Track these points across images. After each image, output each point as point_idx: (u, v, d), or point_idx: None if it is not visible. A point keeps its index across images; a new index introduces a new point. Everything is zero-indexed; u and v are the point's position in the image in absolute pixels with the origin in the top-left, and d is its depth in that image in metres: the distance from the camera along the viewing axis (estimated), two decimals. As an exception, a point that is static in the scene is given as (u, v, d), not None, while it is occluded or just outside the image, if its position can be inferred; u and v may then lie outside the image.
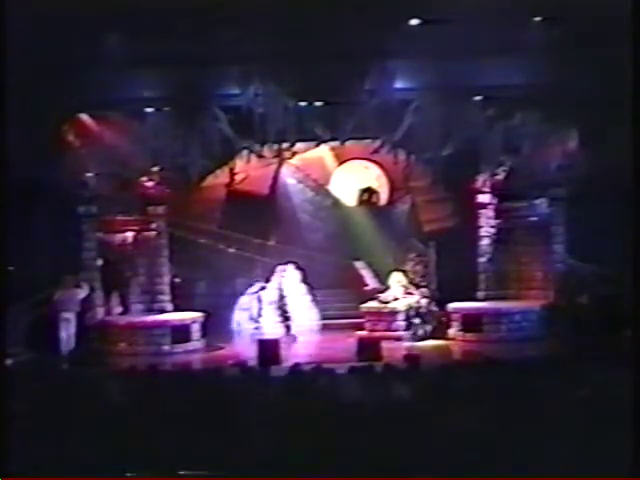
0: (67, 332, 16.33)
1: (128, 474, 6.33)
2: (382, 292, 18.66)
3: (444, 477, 6.10)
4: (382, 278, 19.48)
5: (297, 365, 10.68)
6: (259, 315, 18.91)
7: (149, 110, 16.77)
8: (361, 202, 21.86)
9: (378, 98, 16.35)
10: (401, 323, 17.79)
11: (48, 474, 6.20)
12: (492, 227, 18.53)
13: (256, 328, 18.66)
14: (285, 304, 18.73)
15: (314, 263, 21.18)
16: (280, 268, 19.34)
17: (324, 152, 20.86)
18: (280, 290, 18.94)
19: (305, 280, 19.03)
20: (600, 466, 6.09)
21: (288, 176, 21.61)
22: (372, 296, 18.81)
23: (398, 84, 16.50)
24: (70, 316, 16.49)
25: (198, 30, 14.59)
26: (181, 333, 17.31)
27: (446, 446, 6.36)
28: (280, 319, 18.65)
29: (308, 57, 15.29)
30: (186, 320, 17.57)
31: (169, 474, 6.35)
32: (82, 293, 16.78)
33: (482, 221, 18.58)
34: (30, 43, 13.47)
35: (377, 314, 18.10)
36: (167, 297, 18.47)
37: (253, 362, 13.73)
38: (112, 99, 16.13)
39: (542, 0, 14.70)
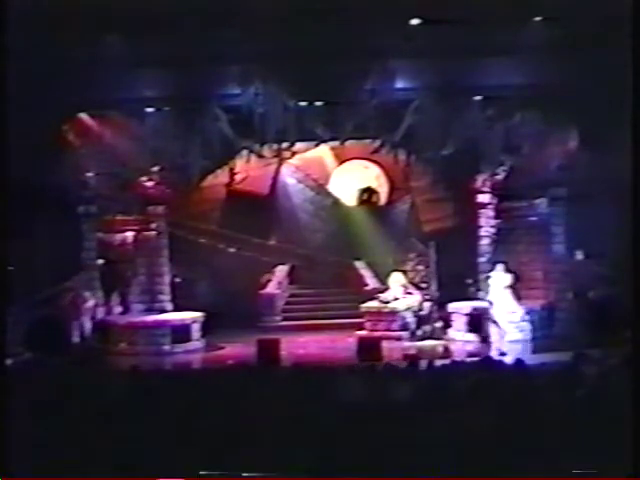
0: (68, 332, 16.38)
1: (128, 474, 6.33)
2: (382, 292, 18.66)
3: (444, 477, 6.10)
4: (382, 278, 19.49)
5: (297, 365, 10.70)
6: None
7: (149, 110, 16.76)
8: (361, 202, 21.89)
9: (378, 98, 16.34)
10: (401, 323, 17.79)
11: (48, 474, 6.20)
12: (492, 227, 18.53)
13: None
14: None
15: (314, 263, 21.27)
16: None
17: (324, 152, 20.90)
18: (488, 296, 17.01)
19: (513, 285, 16.75)
20: (600, 466, 6.09)
21: (288, 176, 21.66)
22: (372, 296, 18.81)
23: (398, 84, 16.50)
24: (71, 316, 16.54)
25: (198, 30, 14.61)
26: (181, 333, 17.31)
27: (446, 446, 6.37)
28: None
29: (308, 57, 15.29)
30: (186, 320, 17.58)
31: (169, 474, 6.35)
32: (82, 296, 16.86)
33: (482, 221, 18.57)
34: (30, 43, 13.48)
35: (377, 314, 18.10)
36: (167, 297, 18.47)
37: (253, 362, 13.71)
38: (112, 99, 16.12)
39: (542, 0, 14.71)
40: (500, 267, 16.54)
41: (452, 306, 17.80)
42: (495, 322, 16.19)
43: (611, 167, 14.20)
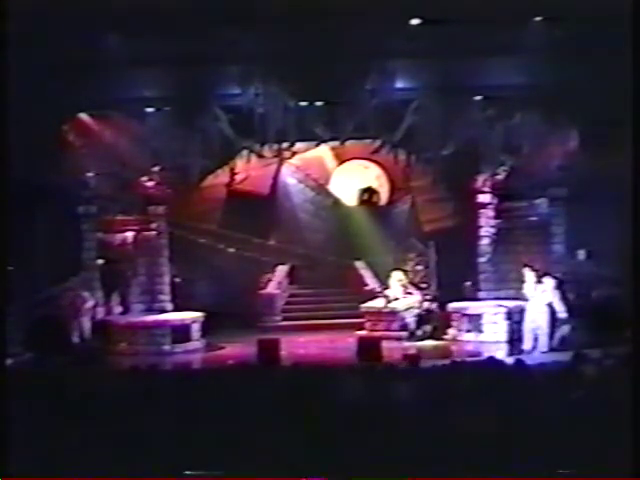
0: (68, 332, 16.39)
1: (128, 474, 6.33)
2: (382, 292, 18.64)
3: (444, 477, 6.10)
4: (382, 278, 19.48)
5: (297, 365, 10.69)
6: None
7: (149, 110, 16.77)
8: (361, 202, 21.87)
9: (378, 98, 16.35)
10: (401, 323, 17.78)
11: (48, 474, 6.20)
12: (492, 227, 18.53)
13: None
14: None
15: (314, 263, 21.26)
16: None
17: (324, 152, 20.88)
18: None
19: (559, 286, 15.93)
20: (600, 466, 6.09)
21: (288, 176, 21.64)
22: (372, 296, 18.79)
23: (398, 84, 16.51)
24: (71, 316, 16.56)
25: (198, 30, 14.61)
26: (181, 333, 17.31)
27: (446, 446, 6.37)
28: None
29: (308, 57, 15.30)
30: (186, 320, 17.58)
31: (169, 474, 6.35)
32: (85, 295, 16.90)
33: (482, 221, 18.57)
34: (31, 43, 13.48)
35: (377, 314, 18.08)
36: (167, 297, 18.47)
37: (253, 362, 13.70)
38: (112, 99, 16.13)
39: (542, 0, 14.72)
40: (527, 269, 16.42)
41: (452, 306, 17.79)
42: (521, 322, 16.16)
43: (611, 167, 14.20)
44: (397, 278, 18.55)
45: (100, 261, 17.76)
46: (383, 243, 20.62)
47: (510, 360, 10.65)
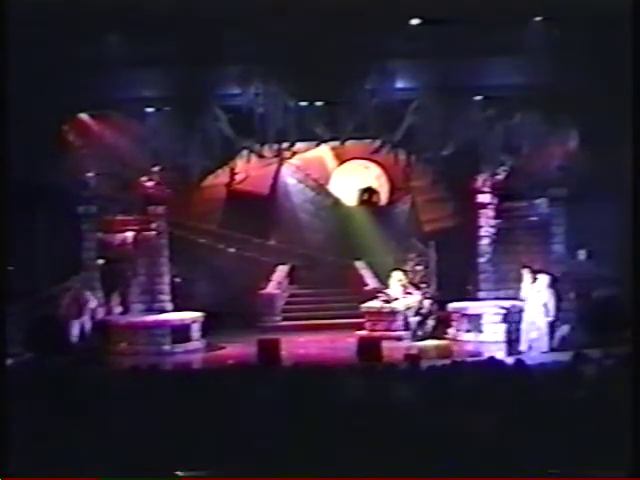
0: (68, 332, 16.39)
1: (128, 474, 6.32)
2: (381, 292, 18.63)
3: (444, 477, 6.10)
4: (382, 278, 19.48)
5: (297, 365, 10.69)
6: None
7: (149, 110, 16.78)
8: (361, 202, 21.88)
9: (378, 98, 16.36)
10: (401, 323, 17.78)
11: (48, 474, 6.20)
12: (492, 227, 18.52)
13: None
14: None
15: (314, 263, 21.26)
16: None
17: (324, 152, 20.89)
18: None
19: (553, 284, 15.99)
20: (600, 466, 6.09)
21: (288, 176, 21.65)
22: (372, 296, 18.79)
23: (398, 84, 16.52)
24: (71, 316, 16.56)
25: (198, 30, 14.63)
26: (181, 333, 17.32)
27: (446, 446, 6.36)
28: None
29: (308, 57, 15.31)
30: (186, 320, 17.58)
31: (169, 474, 6.35)
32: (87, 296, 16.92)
33: (482, 221, 18.56)
34: (30, 43, 13.49)
35: (377, 314, 18.07)
36: (167, 297, 18.47)
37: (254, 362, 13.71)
38: (112, 99, 16.14)
39: (542, 0, 14.74)
40: (526, 270, 16.41)
41: (452, 306, 17.79)
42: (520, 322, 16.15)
43: (611, 167, 14.21)
44: (397, 278, 18.54)
45: (100, 261, 17.76)
46: (383, 243, 20.61)
47: (510, 360, 10.66)
